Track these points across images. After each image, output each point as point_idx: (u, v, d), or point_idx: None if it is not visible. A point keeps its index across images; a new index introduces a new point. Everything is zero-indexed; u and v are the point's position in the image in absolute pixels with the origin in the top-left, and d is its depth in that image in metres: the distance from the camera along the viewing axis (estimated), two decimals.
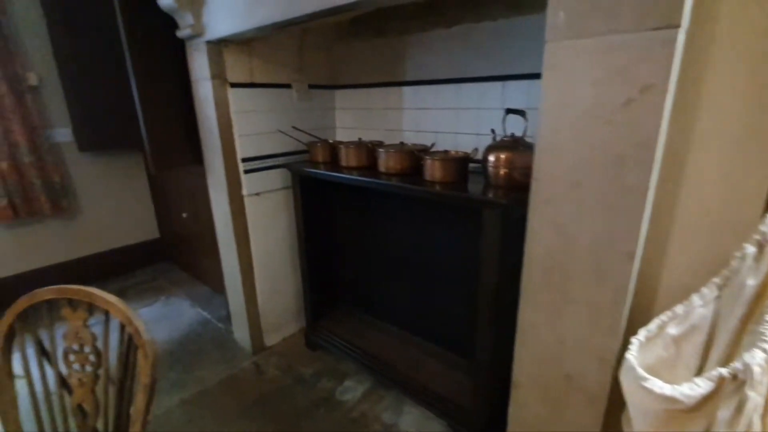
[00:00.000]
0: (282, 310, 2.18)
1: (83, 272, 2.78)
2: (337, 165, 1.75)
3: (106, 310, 0.82)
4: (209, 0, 1.50)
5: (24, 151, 2.34)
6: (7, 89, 2.25)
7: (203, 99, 1.72)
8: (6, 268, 2.49)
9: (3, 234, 2.45)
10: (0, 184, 2.30)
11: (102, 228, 2.89)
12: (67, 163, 2.64)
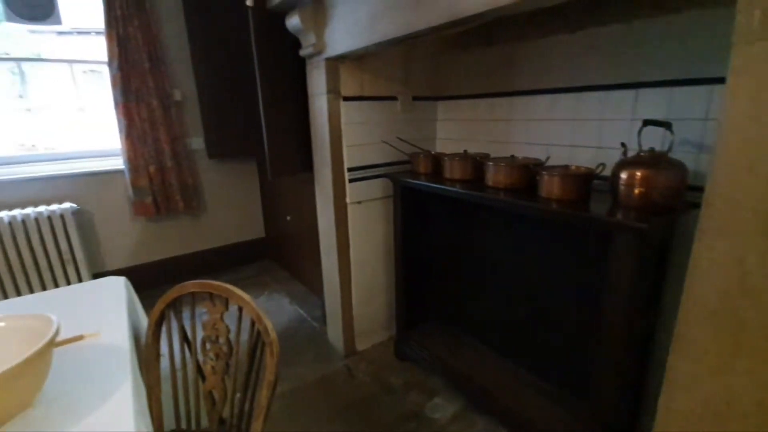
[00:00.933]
0: (374, 317, 2.20)
1: (203, 263, 3.14)
2: (440, 176, 1.72)
3: (240, 307, 0.88)
4: (331, 20, 1.59)
5: (167, 157, 2.72)
6: (158, 104, 2.64)
7: (318, 112, 1.83)
8: (149, 255, 2.91)
9: (147, 227, 2.87)
10: (147, 185, 2.69)
11: (220, 225, 3.23)
12: (198, 167, 3.00)
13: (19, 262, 2.27)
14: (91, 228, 2.64)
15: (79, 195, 2.55)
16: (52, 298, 1.16)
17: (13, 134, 2.55)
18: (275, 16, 1.77)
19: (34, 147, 2.62)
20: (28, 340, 0.72)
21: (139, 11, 2.49)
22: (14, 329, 0.72)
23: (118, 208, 2.73)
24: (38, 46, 2.61)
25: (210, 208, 3.14)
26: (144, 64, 2.54)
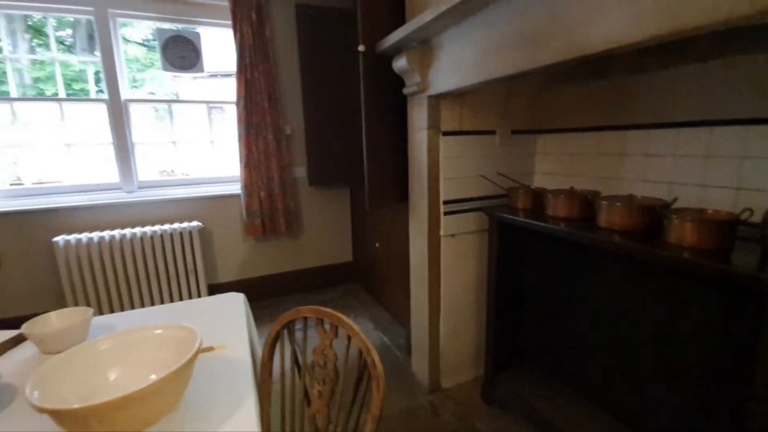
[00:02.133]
0: (461, 355, 2.11)
1: (297, 282, 3.34)
2: (541, 213, 1.63)
3: (349, 336, 0.91)
4: (436, 61, 1.64)
5: (276, 184, 2.99)
6: (272, 137, 2.94)
7: (418, 146, 1.87)
8: (254, 271, 3.18)
9: (255, 245, 3.15)
10: (258, 208, 2.98)
11: (314, 248, 3.42)
12: (299, 194, 3.25)
13: (155, 269, 2.63)
14: (211, 244, 2.98)
15: (204, 215, 2.91)
16: (184, 309, 1.32)
17: (159, 163, 3.03)
18: (382, 59, 1.89)
19: (172, 173, 3.08)
20: (177, 348, 0.81)
21: (264, 59, 2.84)
22: (167, 337, 0.83)
23: (233, 228, 3.06)
24: (177, 89, 3.11)
25: (306, 231, 3.36)
26: (264, 104, 2.87)
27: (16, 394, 0.87)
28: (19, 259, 2.45)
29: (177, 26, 2.76)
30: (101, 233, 2.49)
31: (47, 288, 2.53)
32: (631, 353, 1.52)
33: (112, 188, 2.71)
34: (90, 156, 2.74)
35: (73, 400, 0.72)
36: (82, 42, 4.96)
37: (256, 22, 2.78)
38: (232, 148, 3.08)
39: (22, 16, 2.61)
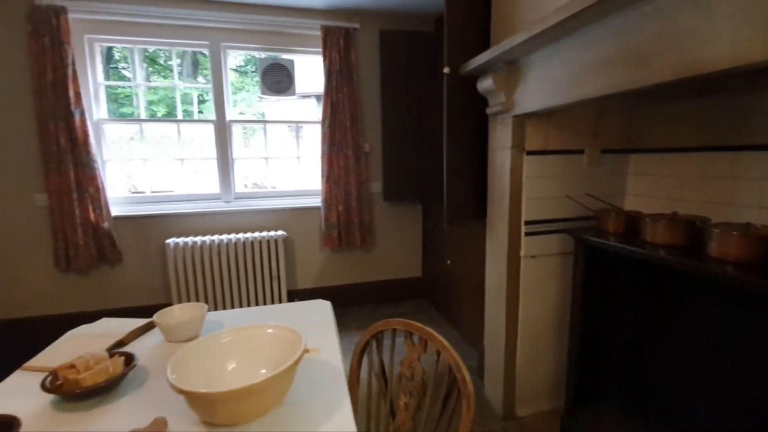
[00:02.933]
0: (538, 382, 2.00)
1: (368, 293, 3.42)
2: (635, 238, 1.51)
3: (438, 351, 0.92)
4: (524, 81, 1.63)
5: (353, 198, 3.13)
6: (352, 154, 3.09)
7: (500, 165, 1.85)
8: (329, 280, 3.33)
9: (330, 256, 3.31)
10: (336, 221, 3.13)
11: (385, 261, 3.49)
12: (374, 208, 3.36)
13: (244, 272, 2.88)
14: (292, 253, 3.18)
15: (288, 225, 3.13)
16: (279, 311, 1.43)
17: (251, 176, 3.33)
18: (465, 79, 1.91)
19: (262, 186, 3.37)
20: (284, 347, 0.89)
21: (348, 82, 3.02)
22: (277, 337, 0.91)
23: (312, 238, 3.24)
24: (263, 109, 3.40)
25: (379, 245, 3.44)
26: (347, 123, 3.04)
27: (149, 375, 1.01)
28: (138, 256, 2.83)
29: (274, 55, 3.05)
30: (203, 237, 2.79)
31: (158, 283, 2.89)
32: (738, 399, 1.33)
33: (213, 198, 3.03)
34: (197, 169, 3.11)
35: (199, 384, 0.82)
36: (187, 69, 5.67)
37: (344, 48, 2.98)
38: (311, 164, 3.28)
39: (142, 49, 3.06)
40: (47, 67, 2.40)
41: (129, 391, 0.94)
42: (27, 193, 2.57)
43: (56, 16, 2.39)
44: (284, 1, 2.83)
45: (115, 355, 0.98)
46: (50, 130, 2.44)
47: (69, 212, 2.52)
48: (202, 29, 2.82)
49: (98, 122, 2.72)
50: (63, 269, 2.65)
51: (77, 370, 0.91)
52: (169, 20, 2.72)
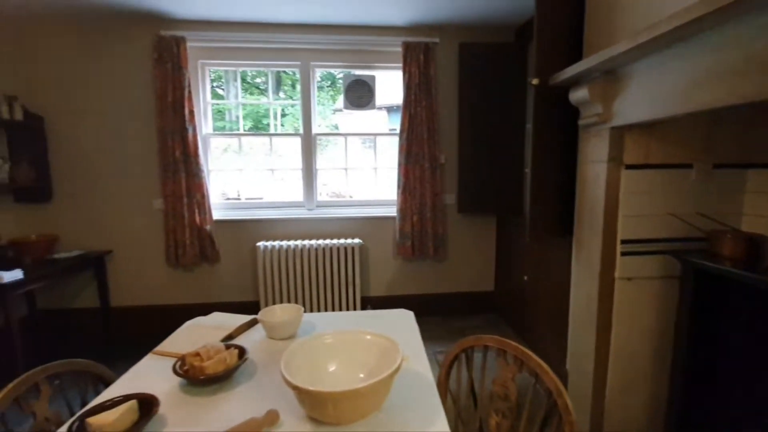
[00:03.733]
0: (632, 414, 1.82)
1: (437, 305, 3.38)
2: (757, 264, 1.33)
3: (536, 373, 0.89)
4: (624, 91, 1.52)
5: (428, 209, 3.14)
6: (428, 166, 3.11)
7: (592, 179, 1.74)
8: (400, 289, 3.37)
9: (403, 265, 3.34)
10: (410, 231, 3.16)
11: (456, 273, 3.44)
12: (447, 220, 3.33)
13: (323, 277, 3.02)
14: (366, 260, 3.27)
15: (363, 233, 3.23)
16: (365, 318, 1.48)
17: (330, 186, 3.50)
18: (554, 90, 1.84)
19: (340, 195, 3.52)
20: (380, 354, 0.92)
21: (427, 95, 3.05)
22: (375, 344, 0.95)
23: (386, 247, 3.30)
24: (336, 121, 3.56)
25: (451, 256, 3.40)
26: (424, 135, 3.07)
27: (257, 368, 1.10)
28: (232, 257, 3.12)
29: (357, 72, 3.20)
30: (288, 242, 2.99)
31: (248, 282, 3.14)
32: None
33: (297, 206, 3.23)
34: (284, 177, 3.35)
35: (304, 381, 0.87)
36: (273, 86, 6.15)
37: (423, 62, 3.03)
38: (383, 174, 3.35)
39: (235, 71, 3.38)
40: (168, 89, 2.77)
41: (242, 381, 1.03)
42: (148, 197, 2.98)
43: (177, 45, 2.75)
44: (368, 21, 2.96)
45: (231, 347, 1.09)
46: (168, 143, 2.80)
47: (179, 215, 2.86)
48: (295, 51, 3.05)
49: (205, 136, 3.06)
50: (173, 265, 3.01)
51: (201, 358, 1.03)
52: (268, 44, 2.98)
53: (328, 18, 2.89)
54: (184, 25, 2.86)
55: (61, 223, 2.95)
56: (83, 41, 2.84)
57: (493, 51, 3.04)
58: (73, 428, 0.80)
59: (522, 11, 2.81)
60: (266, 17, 2.86)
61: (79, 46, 2.84)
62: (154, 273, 3.07)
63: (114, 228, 3.00)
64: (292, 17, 2.86)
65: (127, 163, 2.95)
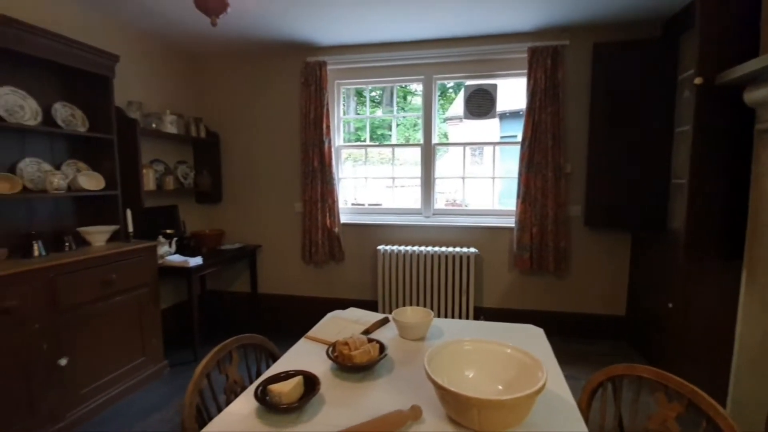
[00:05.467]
0: None
1: (555, 324, 3.12)
2: None
3: (708, 417, 0.78)
4: None
5: (549, 221, 2.94)
6: (551, 175, 2.91)
7: None
8: (514, 303, 3.22)
9: (519, 278, 3.19)
10: (528, 243, 3.00)
11: (580, 292, 3.14)
12: (571, 233, 3.07)
13: (437, 284, 3.06)
14: (480, 270, 3.21)
15: (479, 243, 3.17)
16: (489, 329, 1.47)
17: (446, 194, 3.53)
18: (722, 90, 1.57)
19: (455, 203, 3.53)
20: (520, 370, 0.91)
21: (553, 101, 2.87)
22: (515, 358, 0.94)
23: (501, 258, 3.19)
24: (444, 130, 3.53)
25: (574, 273, 3.12)
26: (548, 143, 2.89)
27: (394, 364, 1.19)
28: (356, 258, 3.37)
29: (478, 81, 3.17)
30: (406, 247, 3.11)
31: (368, 282, 3.36)
32: None
33: (415, 213, 3.35)
34: (403, 186, 3.50)
35: (445, 384, 0.91)
36: (386, 99, 6.42)
37: (550, 67, 2.86)
38: (496, 183, 3.24)
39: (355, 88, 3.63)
40: (311, 107, 3.14)
41: (383, 374, 1.12)
42: (290, 201, 3.42)
43: (319, 69, 3.11)
44: (492, 30, 2.92)
45: (372, 341, 1.19)
46: (309, 154, 3.18)
47: (314, 218, 3.22)
48: (418, 66, 3.18)
49: (338, 148, 3.38)
50: (306, 262, 3.39)
51: (349, 348, 1.15)
52: (394, 62, 3.17)
53: (452, 32, 2.94)
54: (326, 50, 3.22)
55: (226, 220, 3.58)
56: (250, 71, 3.41)
57: (633, 49, 2.72)
58: (258, 391, 0.98)
59: (671, 1, 2.46)
60: (394, 37, 3.04)
61: (246, 76, 3.42)
62: (291, 267, 3.50)
63: (264, 226, 3.52)
64: (418, 35, 2.99)
65: (276, 172, 3.44)
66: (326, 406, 0.98)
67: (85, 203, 2.38)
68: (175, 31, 2.87)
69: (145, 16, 2.61)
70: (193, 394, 0.97)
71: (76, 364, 1.93)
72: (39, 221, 2.15)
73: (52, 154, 2.23)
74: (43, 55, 1.97)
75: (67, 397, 1.90)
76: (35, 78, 2.12)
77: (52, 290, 1.82)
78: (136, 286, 2.27)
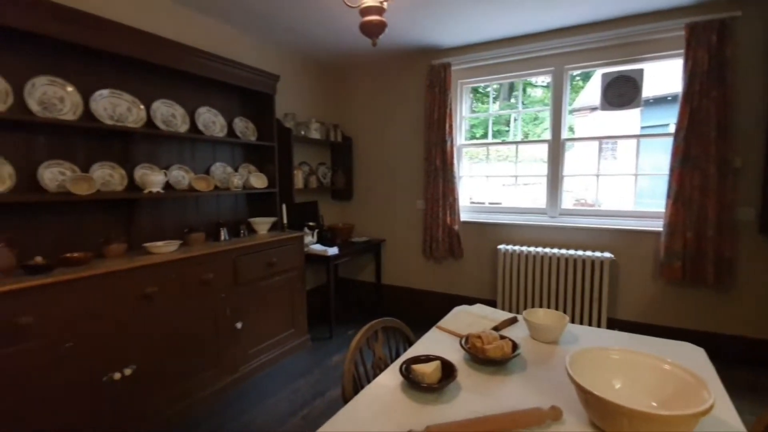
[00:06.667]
0: None
1: (714, 348, 2.62)
2: None
3: None
4: None
5: (709, 225, 2.49)
6: (714, 171, 2.45)
7: None
8: (658, 318, 2.81)
9: (665, 290, 2.77)
10: (680, 249, 2.59)
11: (747, 312, 2.58)
12: (740, 240, 2.55)
13: (563, 289, 2.87)
14: (616, 277, 2.88)
15: (614, 247, 2.86)
16: (637, 342, 1.34)
17: (573, 193, 3.25)
18: None
19: (585, 202, 3.23)
20: (679, 389, 0.84)
21: (719, 83, 2.42)
22: (675, 375, 0.87)
23: (643, 266, 2.81)
24: (571, 123, 3.18)
25: (741, 288, 2.58)
26: (710, 133, 2.45)
27: (526, 363, 1.20)
28: (474, 255, 3.37)
29: (619, 68, 2.84)
30: (528, 248, 2.99)
31: (486, 280, 3.33)
32: None
33: (539, 212, 3.18)
34: (527, 185, 3.36)
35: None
36: (504, 94, 6.08)
37: (716, 44, 2.41)
38: (617, 181, 2.83)
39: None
40: (435, 108, 3.24)
41: (515, 371, 1.15)
42: (413, 199, 3.60)
43: (444, 71, 3.18)
44: (638, 9, 2.58)
45: (505, 338, 1.22)
46: (432, 154, 3.29)
47: (435, 215, 3.32)
48: (547, 57, 3.00)
49: (460, 146, 3.42)
50: (426, 257, 3.53)
51: (482, 341, 1.20)
52: (519, 56, 3.05)
53: (587, 17, 2.69)
54: (449, 52, 3.27)
55: (356, 215, 3.95)
56: (379, 79, 3.68)
57: None
58: (403, 368, 1.10)
59: None
60: (519, 31, 2.93)
61: (376, 83, 3.70)
62: (412, 261, 3.67)
63: (388, 222, 3.77)
64: (547, 25, 2.82)
65: (401, 171, 3.65)
66: (463, 392, 1.05)
67: (253, 199, 2.91)
68: (321, 49, 3.27)
69: (297, 39, 3.04)
70: (350, 363, 1.14)
71: (247, 328, 2.39)
72: (223, 212, 2.72)
73: (232, 159, 2.79)
74: (228, 80, 2.48)
75: (240, 354, 2.37)
76: (222, 98, 2.68)
77: (234, 268, 2.29)
78: (289, 269, 2.69)
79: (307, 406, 2.16)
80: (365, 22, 1.70)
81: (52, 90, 1.84)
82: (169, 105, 2.32)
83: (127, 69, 2.12)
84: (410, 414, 0.95)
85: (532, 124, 7.13)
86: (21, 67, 1.75)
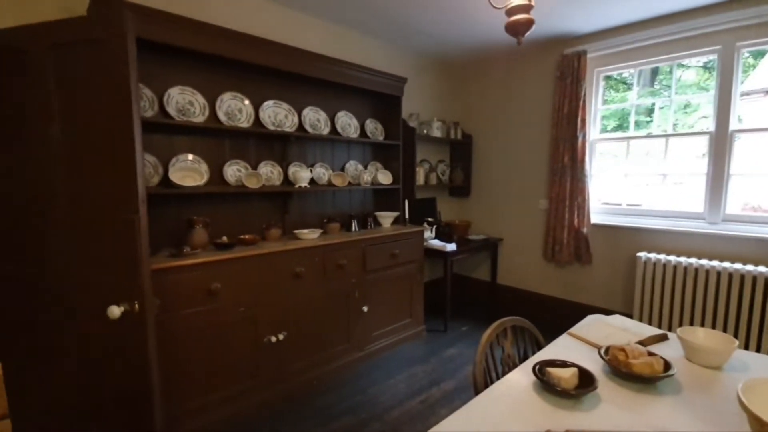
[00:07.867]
0: None
1: None
2: None
3: None
4: None
5: None
6: None
7: None
8: None
9: None
10: None
11: None
12: None
13: (725, 309, 2.40)
14: None
15: None
16: None
17: (740, 197, 2.66)
18: None
19: (759, 208, 2.63)
20: None
21: None
22: None
23: None
24: (739, 111, 2.51)
25: None
26: None
27: (681, 386, 1.09)
28: (606, 262, 3.06)
29: None
30: (678, 258, 2.59)
31: (619, 291, 3.00)
32: None
33: (694, 217, 2.72)
34: (677, 185, 2.89)
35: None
36: (644, 80, 5.18)
37: None
38: None
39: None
40: (564, 102, 3.02)
41: (667, 393, 1.05)
42: (535, 198, 3.42)
43: (578, 60, 2.94)
44: None
45: (655, 355, 1.13)
46: (559, 150, 3.08)
47: (560, 216, 3.11)
48: (711, 34, 2.53)
49: (592, 142, 3.13)
50: (548, 260, 3.33)
51: (626, 354, 1.13)
52: (673, 36, 2.63)
53: None
54: (585, 39, 3.00)
55: (473, 213, 3.93)
56: (501, 74, 3.58)
57: None
58: (536, 369, 1.11)
59: None
60: (673, 7, 2.53)
61: (499, 79, 3.61)
62: (531, 263, 3.51)
63: (505, 221, 3.67)
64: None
65: (522, 169, 3.50)
66: (604, 403, 1.01)
67: (379, 194, 3.14)
68: (447, 50, 3.33)
69: (426, 40, 3.14)
70: (482, 355, 1.20)
71: (371, 312, 2.62)
72: (354, 205, 3.01)
73: (363, 157, 3.06)
74: (363, 86, 2.72)
75: (365, 335, 2.61)
76: (356, 102, 2.95)
77: (362, 256, 2.53)
78: (409, 261, 2.85)
79: (425, 392, 2.28)
80: (512, 22, 1.68)
81: (234, 103, 2.29)
82: (315, 111, 2.67)
83: (284, 82, 2.50)
84: (544, 416, 0.97)
85: (682, 112, 5.99)
86: (213, 86, 2.23)
